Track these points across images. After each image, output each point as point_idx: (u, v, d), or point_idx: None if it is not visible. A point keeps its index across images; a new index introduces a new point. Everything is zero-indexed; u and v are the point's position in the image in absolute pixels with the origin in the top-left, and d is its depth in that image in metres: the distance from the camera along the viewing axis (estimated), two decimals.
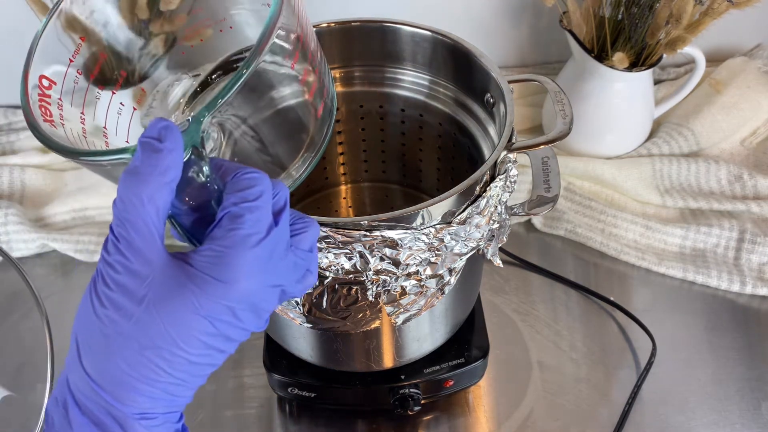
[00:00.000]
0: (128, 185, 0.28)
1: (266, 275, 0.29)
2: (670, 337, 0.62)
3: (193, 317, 0.28)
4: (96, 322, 0.28)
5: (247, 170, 0.30)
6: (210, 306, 0.28)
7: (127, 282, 0.28)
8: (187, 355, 0.28)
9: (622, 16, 0.70)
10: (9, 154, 0.80)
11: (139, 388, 0.28)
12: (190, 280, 0.28)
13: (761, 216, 0.70)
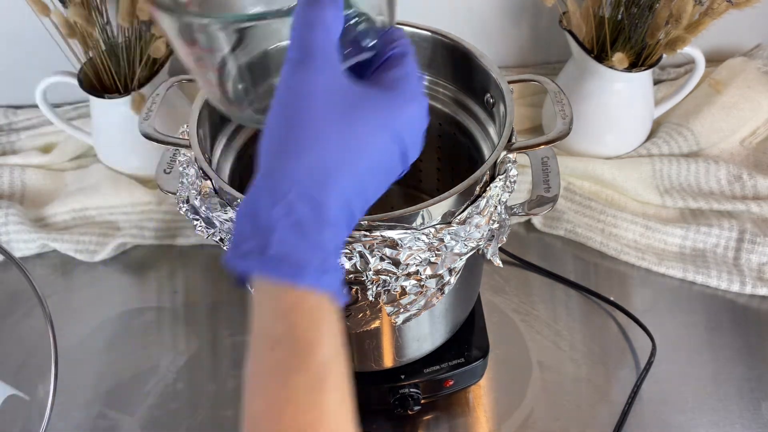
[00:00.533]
0: (309, 10, 0.30)
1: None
2: (670, 337, 0.62)
3: (378, 130, 0.30)
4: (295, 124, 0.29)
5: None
6: (393, 119, 0.31)
7: (317, 93, 0.30)
8: (369, 162, 0.30)
9: (621, 16, 0.70)
10: (9, 154, 0.81)
11: (332, 187, 0.29)
12: (372, 98, 0.31)
13: (761, 216, 0.70)
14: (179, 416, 0.59)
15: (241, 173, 0.58)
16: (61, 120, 0.76)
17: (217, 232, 0.46)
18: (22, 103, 0.85)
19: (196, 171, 0.47)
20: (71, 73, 0.71)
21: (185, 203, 0.48)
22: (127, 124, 0.72)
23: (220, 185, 0.45)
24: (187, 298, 0.68)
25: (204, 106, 0.52)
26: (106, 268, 0.71)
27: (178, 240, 0.72)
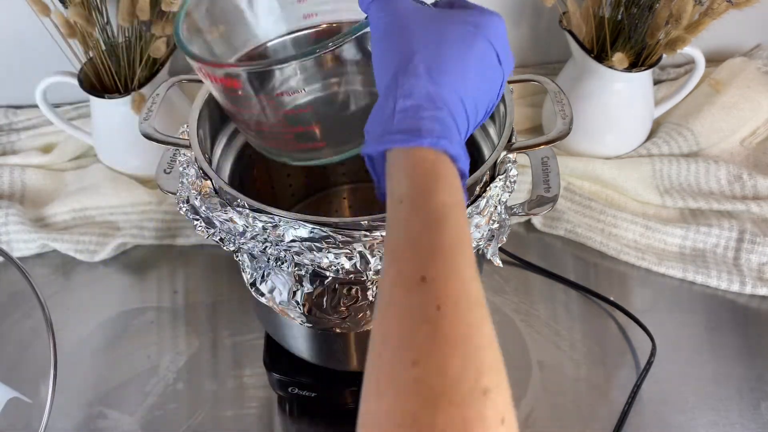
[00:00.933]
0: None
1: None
2: (670, 337, 0.62)
3: (470, 32, 0.34)
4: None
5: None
6: (480, 25, 0.35)
7: (411, 12, 0.35)
8: (471, 59, 0.34)
9: (621, 16, 0.70)
10: (9, 154, 0.81)
11: (445, 82, 0.33)
12: (456, 14, 0.35)
13: (761, 216, 0.70)
14: (179, 416, 0.59)
15: (241, 173, 0.58)
16: (61, 120, 0.76)
17: (217, 232, 0.46)
18: (22, 103, 0.85)
19: (196, 171, 0.47)
20: (71, 73, 0.71)
21: (185, 203, 0.48)
22: (127, 124, 0.72)
23: (220, 185, 0.45)
24: (187, 298, 0.68)
25: (204, 106, 0.52)
26: (106, 268, 0.71)
27: (178, 240, 0.72)
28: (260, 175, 0.63)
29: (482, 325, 0.27)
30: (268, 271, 0.48)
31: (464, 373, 0.25)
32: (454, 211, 0.30)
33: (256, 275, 0.49)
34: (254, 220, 0.42)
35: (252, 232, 0.43)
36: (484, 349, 0.26)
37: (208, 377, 0.62)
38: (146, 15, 0.66)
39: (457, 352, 0.25)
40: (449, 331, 0.26)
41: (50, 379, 0.56)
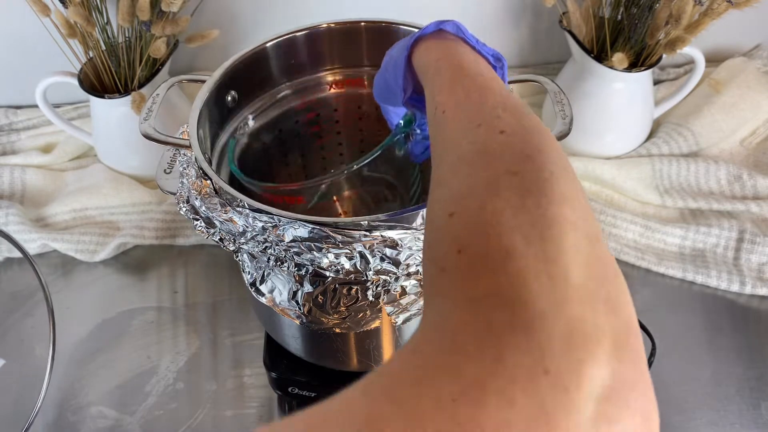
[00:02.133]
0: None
1: None
2: (670, 337, 0.62)
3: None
4: None
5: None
6: None
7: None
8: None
9: (621, 16, 0.70)
10: (9, 154, 0.81)
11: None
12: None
13: (761, 216, 0.70)
14: (179, 416, 0.59)
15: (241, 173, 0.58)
16: (61, 120, 0.76)
17: (217, 231, 0.46)
18: (22, 103, 0.85)
19: (196, 171, 0.47)
20: (71, 73, 0.71)
21: (185, 203, 0.48)
22: (127, 124, 0.72)
23: (220, 185, 0.45)
24: (187, 298, 0.68)
25: (204, 106, 0.52)
26: (106, 268, 0.71)
27: (178, 240, 0.72)
28: (260, 175, 0.63)
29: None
30: (268, 271, 0.48)
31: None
32: (495, 79, 0.32)
33: (256, 275, 0.49)
34: (254, 220, 0.43)
35: (252, 232, 0.43)
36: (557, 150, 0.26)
37: (208, 377, 0.62)
38: (146, 15, 0.66)
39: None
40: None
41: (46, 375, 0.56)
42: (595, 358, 0.19)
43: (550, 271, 0.20)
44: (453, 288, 0.21)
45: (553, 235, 0.21)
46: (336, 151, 0.68)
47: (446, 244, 0.23)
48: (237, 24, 0.81)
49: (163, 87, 0.55)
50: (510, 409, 0.17)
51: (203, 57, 0.84)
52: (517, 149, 0.25)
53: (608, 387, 0.18)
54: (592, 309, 0.20)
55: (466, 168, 0.25)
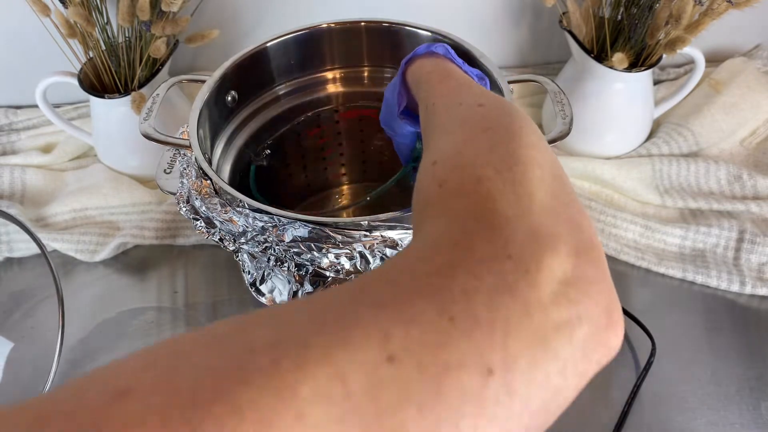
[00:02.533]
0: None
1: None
2: (670, 337, 0.62)
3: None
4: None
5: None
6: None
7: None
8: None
9: (621, 16, 0.70)
10: (9, 154, 0.81)
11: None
12: None
13: (761, 216, 0.70)
14: None
15: (241, 173, 0.58)
16: (61, 120, 0.76)
17: (218, 231, 0.46)
18: (22, 103, 0.85)
19: (196, 171, 0.47)
20: (71, 73, 0.71)
21: (185, 203, 0.48)
22: (127, 124, 0.72)
23: (220, 185, 0.45)
24: (187, 298, 0.68)
25: (204, 106, 0.52)
26: (106, 268, 0.71)
27: (178, 240, 0.72)
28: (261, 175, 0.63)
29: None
30: (269, 271, 0.48)
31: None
32: (469, 82, 0.37)
33: (256, 275, 0.49)
34: (254, 220, 0.43)
35: (252, 232, 0.43)
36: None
37: None
38: (146, 15, 0.66)
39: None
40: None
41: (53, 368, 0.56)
42: (556, 251, 0.21)
43: (517, 191, 0.23)
44: (434, 213, 0.25)
45: (519, 168, 0.24)
46: (336, 151, 0.68)
47: (430, 183, 0.26)
48: (237, 24, 0.81)
49: (163, 87, 0.55)
50: (476, 281, 0.20)
51: (203, 57, 0.84)
52: (492, 115, 0.29)
53: (570, 276, 0.21)
54: (554, 221, 0.23)
55: (449, 134, 0.29)
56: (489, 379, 0.19)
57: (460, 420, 0.18)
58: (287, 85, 0.61)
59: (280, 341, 0.18)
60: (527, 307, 0.20)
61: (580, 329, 0.21)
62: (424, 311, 0.19)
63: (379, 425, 0.17)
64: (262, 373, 0.17)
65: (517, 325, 0.20)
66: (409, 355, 0.18)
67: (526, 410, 0.20)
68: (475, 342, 0.19)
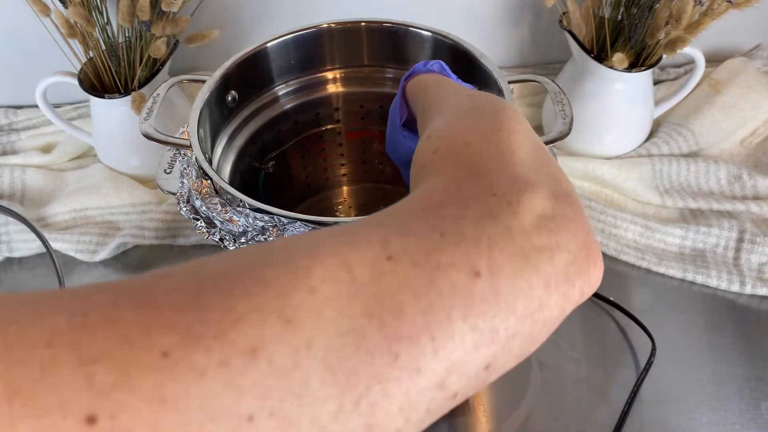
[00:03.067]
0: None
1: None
2: (670, 337, 0.62)
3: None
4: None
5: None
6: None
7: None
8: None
9: (621, 16, 0.70)
10: (9, 154, 0.81)
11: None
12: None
13: (761, 216, 0.70)
14: None
15: (242, 173, 0.58)
16: (61, 120, 0.76)
17: (218, 231, 0.46)
18: (22, 103, 0.85)
19: (196, 171, 0.47)
20: (71, 73, 0.71)
21: (185, 203, 0.48)
22: (127, 124, 0.72)
23: (220, 185, 0.45)
24: None
25: (204, 106, 0.52)
26: (106, 268, 0.71)
27: (179, 240, 0.72)
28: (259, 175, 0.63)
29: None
30: None
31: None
32: (457, 88, 0.38)
33: None
34: (255, 220, 0.43)
35: (253, 232, 0.43)
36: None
37: None
38: (146, 15, 0.66)
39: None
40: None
41: None
42: (535, 191, 0.24)
43: (500, 149, 0.27)
44: (428, 172, 0.28)
45: (504, 133, 0.28)
46: (336, 152, 0.68)
47: (425, 152, 0.29)
48: (237, 24, 0.81)
49: (163, 87, 0.55)
50: (464, 210, 0.23)
51: (203, 57, 0.84)
52: (480, 102, 0.32)
53: (549, 213, 0.24)
54: (534, 173, 0.26)
55: (441, 115, 0.32)
56: (476, 279, 0.21)
57: (451, 310, 0.21)
58: (287, 85, 0.61)
59: (294, 243, 0.22)
60: (510, 230, 0.23)
61: (560, 255, 0.23)
62: (418, 228, 0.22)
63: (379, 304, 0.20)
64: (281, 260, 0.21)
65: (501, 242, 0.22)
66: (406, 256, 0.21)
67: (513, 314, 0.22)
68: (463, 250, 0.22)
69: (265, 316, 0.19)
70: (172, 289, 0.19)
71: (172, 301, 0.18)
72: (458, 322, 0.21)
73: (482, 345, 0.21)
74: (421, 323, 0.20)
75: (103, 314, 0.18)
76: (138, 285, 0.19)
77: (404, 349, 0.20)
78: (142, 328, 0.17)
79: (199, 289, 0.19)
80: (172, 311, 0.18)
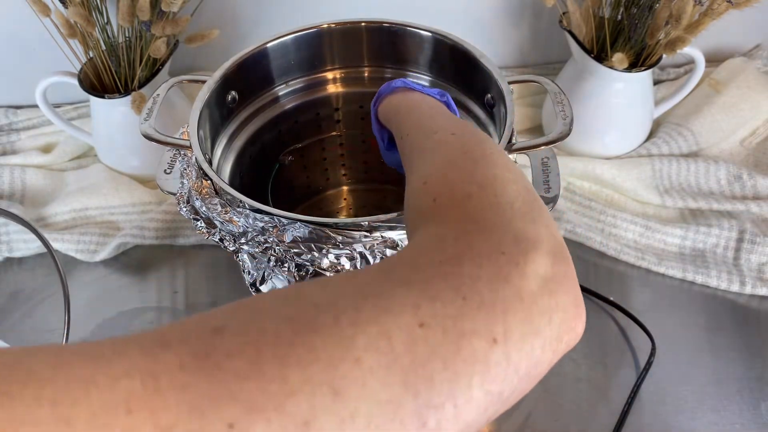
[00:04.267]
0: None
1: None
2: (670, 337, 0.62)
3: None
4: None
5: None
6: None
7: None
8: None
9: (621, 16, 0.70)
10: (9, 154, 0.81)
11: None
12: None
13: (761, 216, 0.70)
14: None
15: (242, 174, 0.58)
16: (61, 120, 0.76)
17: (218, 232, 0.46)
18: (22, 103, 0.85)
19: (196, 171, 0.47)
20: (71, 73, 0.71)
21: (185, 203, 0.48)
22: (127, 124, 0.72)
23: (220, 186, 0.45)
24: (188, 298, 0.68)
25: (204, 106, 0.52)
26: (106, 268, 0.71)
27: (179, 240, 0.72)
28: (260, 175, 0.63)
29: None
30: (269, 271, 0.48)
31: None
32: (442, 110, 0.42)
33: (256, 276, 0.49)
34: (254, 220, 0.43)
35: (252, 232, 0.43)
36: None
37: None
38: (146, 15, 0.66)
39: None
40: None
41: None
42: (537, 251, 0.27)
43: (500, 202, 0.29)
44: (433, 219, 0.29)
45: (498, 184, 0.30)
46: (336, 152, 0.68)
47: (423, 198, 0.31)
48: (237, 24, 0.81)
49: (163, 87, 0.55)
50: (479, 268, 0.25)
51: (203, 57, 0.84)
52: (465, 140, 0.35)
53: (550, 271, 0.26)
54: (533, 226, 0.28)
55: (430, 155, 0.34)
56: (494, 345, 0.24)
57: (472, 377, 0.23)
58: (287, 85, 0.61)
59: (337, 303, 0.23)
60: (520, 294, 0.25)
61: (556, 315, 0.26)
62: (442, 290, 0.24)
63: (414, 373, 0.22)
64: (327, 326, 0.22)
65: (513, 306, 0.24)
66: (436, 322, 0.23)
67: (516, 374, 0.24)
68: (483, 315, 0.24)
69: (316, 388, 0.20)
70: (233, 353, 0.20)
71: (234, 366, 0.20)
72: (476, 389, 0.23)
73: (491, 406, 0.24)
74: (448, 391, 0.22)
75: (172, 379, 0.19)
76: (199, 343, 0.21)
77: (432, 416, 0.22)
78: (210, 398, 0.19)
79: (258, 353, 0.21)
80: (235, 378, 0.20)
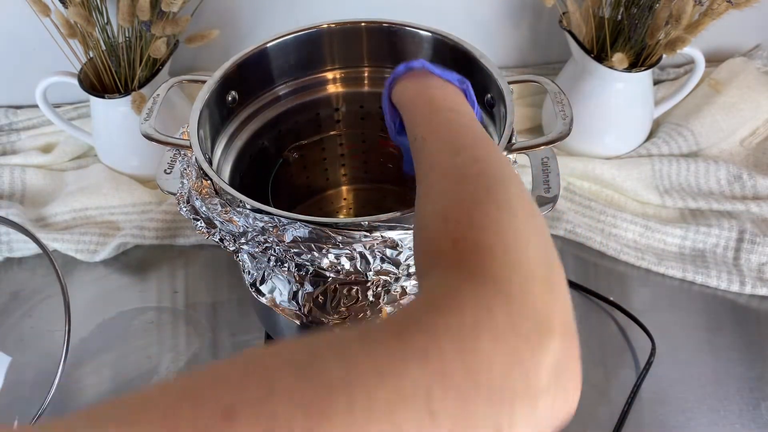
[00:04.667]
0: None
1: None
2: (670, 337, 0.62)
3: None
4: None
5: None
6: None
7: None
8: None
9: (621, 16, 0.70)
10: (9, 154, 0.81)
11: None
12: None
13: (761, 216, 0.70)
14: None
15: (242, 174, 0.58)
16: (61, 120, 0.76)
17: (218, 232, 0.46)
18: (22, 103, 0.85)
19: (196, 171, 0.47)
20: (71, 73, 0.71)
21: (185, 203, 0.48)
22: (127, 124, 0.72)
23: (220, 186, 0.45)
24: (188, 298, 0.68)
25: (204, 106, 0.52)
26: (106, 268, 0.71)
27: (178, 240, 0.72)
28: (260, 175, 0.63)
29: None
30: (269, 271, 0.48)
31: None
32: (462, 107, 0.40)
33: (256, 275, 0.49)
34: (255, 220, 0.43)
35: (252, 232, 0.43)
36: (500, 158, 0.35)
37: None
38: (146, 15, 0.66)
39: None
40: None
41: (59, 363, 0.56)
42: (552, 336, 0.27)
43: (521, 262, 0.29)
44: (451, 265, 0.29)
45: (521, 239, 0.30)
46: (336, 152, 0.68)
47: (444, 238, 0.31)
48: (237, 24, 0.81)
49: (163, 87, 0.55)
50: (494, 344, 0.25)
51: (203, 57, 0.84)
52: (489, 173, 0.33)
53: (559, 355, 0.26)
54: (551, 296, 0.29)
55: (453, 186, 0.33)
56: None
57: None
58: (287, 85, 0.61)
59: (352, 382, 0.23)
60: (530, 383, 0.25)
61: (559, 397, 0.26)
62: (457, 371, 0.24)
63: None
64: (340, 414, 0.22)
65: (521, 396, 0.25)
66: (446, 413, 0.23)
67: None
68: (492, 408, 0.24)
69: None
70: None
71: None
72: None
73: None
74: None
75: None
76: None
77: None
78: None
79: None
80: None
